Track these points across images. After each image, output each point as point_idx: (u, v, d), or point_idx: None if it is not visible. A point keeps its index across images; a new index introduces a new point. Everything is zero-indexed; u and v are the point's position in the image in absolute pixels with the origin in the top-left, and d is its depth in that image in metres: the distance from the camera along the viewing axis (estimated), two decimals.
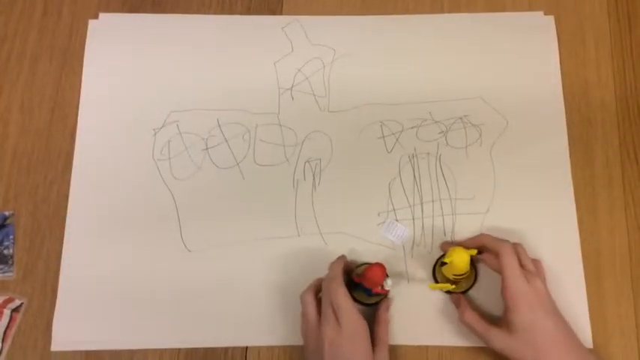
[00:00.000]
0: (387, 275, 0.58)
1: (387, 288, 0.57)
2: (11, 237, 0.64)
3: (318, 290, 0.59)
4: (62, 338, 0.61)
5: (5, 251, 0.64)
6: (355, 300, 0.59)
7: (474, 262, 0.60)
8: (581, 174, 0.66)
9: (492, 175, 0.66)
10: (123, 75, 0.70)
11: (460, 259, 0.57)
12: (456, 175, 0.66)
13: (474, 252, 0.58)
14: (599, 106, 0.68)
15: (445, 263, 0.58)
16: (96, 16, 0.72)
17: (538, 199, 0.65)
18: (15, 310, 0.62)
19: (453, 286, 0.59)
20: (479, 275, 0.62)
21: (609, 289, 0.62)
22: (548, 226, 0.64)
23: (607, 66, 0.70)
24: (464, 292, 0.61)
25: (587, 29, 0.71)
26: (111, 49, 0.71)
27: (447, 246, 0.62)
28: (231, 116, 0.68)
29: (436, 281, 0.62)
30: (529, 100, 0.68)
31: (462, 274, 0.59)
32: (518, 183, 0.65)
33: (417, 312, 0.62)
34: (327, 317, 0.55)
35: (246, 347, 0.62)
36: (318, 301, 0.58)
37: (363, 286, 0.58)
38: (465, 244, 0.60)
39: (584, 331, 0.60)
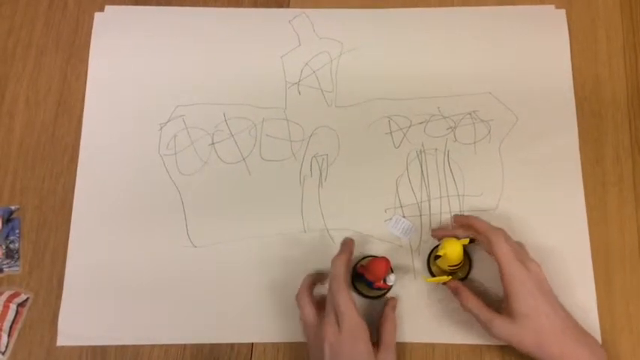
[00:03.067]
0: (392, 271, 0.57)
1: (389, 283, 0.57)
2: (17, 231, 0.64)
3: (311, 287, 0.59)
4: (68, 333, 0.61)
5: (11, 245, 0.64)
6: (356, 290, 0.59)
7: (467, 251, 0.60)
8: (592, 170, 0.65)
9: (501, 171, 0.65)
10: (129, 68, 0.70)
11: (453, 250, 0.57)
12: (464, 171, 0.65)
13: (467, 241, 0.58)
14: (611, 102, 0.67)
15: (439, 256, 0.58)
16: (102, 9, 0.72)
17: (547, 195, 0.64)
18: (21, 304, 0.62)
19: (450, 277, 0.59)
20: (473, 264, 0.62)
21: (618, 285, 0.62)
22: (558, 223, 0.63)
23: (619, 61, 0.69)
24: None
25: (599, 23, 0.70)
26: (117, 42, 0.70)
27: (438, 232, 0.62)
28: (238, 111, 0.68)
29: (431, 273, 0.62)
30: (539, 95, 0.67)
31: (457, 265, 0.59)
32: (528, 179, 0.65)
33: (424, 309, 0.62)
34: (328, 317, 0.54)
35: (252, 343, 0.62)
36: (315, 300, 0.57)
37: (365, 277, 0.58)
38: (456, 222, 0.60)
39: (593, 328, 0.60)
